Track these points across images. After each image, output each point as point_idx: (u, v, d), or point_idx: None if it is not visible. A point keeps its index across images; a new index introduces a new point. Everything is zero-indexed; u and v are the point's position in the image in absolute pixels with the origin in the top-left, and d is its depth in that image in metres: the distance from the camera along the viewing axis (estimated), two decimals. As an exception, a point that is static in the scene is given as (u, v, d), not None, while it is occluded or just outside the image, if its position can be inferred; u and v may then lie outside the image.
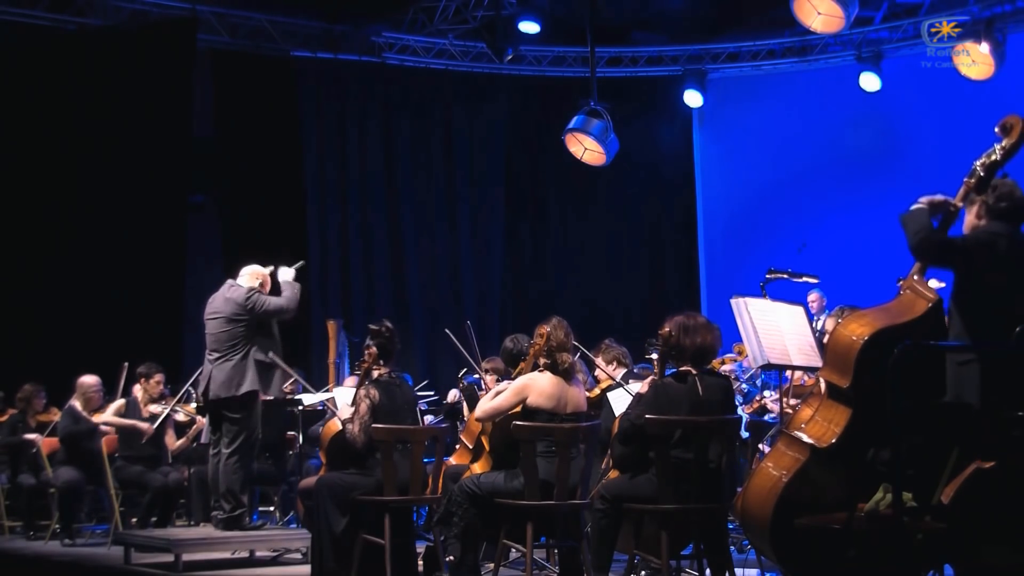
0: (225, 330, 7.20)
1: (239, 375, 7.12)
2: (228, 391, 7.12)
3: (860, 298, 6.72)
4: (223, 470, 7.12)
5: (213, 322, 7.29)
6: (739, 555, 6.09)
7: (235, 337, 7.18)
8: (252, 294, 7.22)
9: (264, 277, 7.46)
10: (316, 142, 13.14)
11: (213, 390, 7.18)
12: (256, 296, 7.22)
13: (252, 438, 7.26)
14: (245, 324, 7.19)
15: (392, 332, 6.27)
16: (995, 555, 4.28)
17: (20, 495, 9.29)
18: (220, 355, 7.18)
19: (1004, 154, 4.43)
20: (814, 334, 6.24)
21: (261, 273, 7.46)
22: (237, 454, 7.13)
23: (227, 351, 7.17)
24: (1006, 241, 4.43)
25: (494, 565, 5.70)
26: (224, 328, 7.21)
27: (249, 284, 7.34)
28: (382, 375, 6.19)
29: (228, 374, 7.13)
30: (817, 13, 10.24)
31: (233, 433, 7.15)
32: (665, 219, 14.19)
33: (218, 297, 7.35)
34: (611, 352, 7.39)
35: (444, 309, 13.45)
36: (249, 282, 7.37)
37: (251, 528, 7.37)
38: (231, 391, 7.11)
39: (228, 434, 7.17)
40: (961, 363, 4.39)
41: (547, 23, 12.40)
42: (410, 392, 6.40)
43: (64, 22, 11.55)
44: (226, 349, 7.18)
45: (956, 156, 5.61)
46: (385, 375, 6.20)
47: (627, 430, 5.25)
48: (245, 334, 7.18)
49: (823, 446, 4.61)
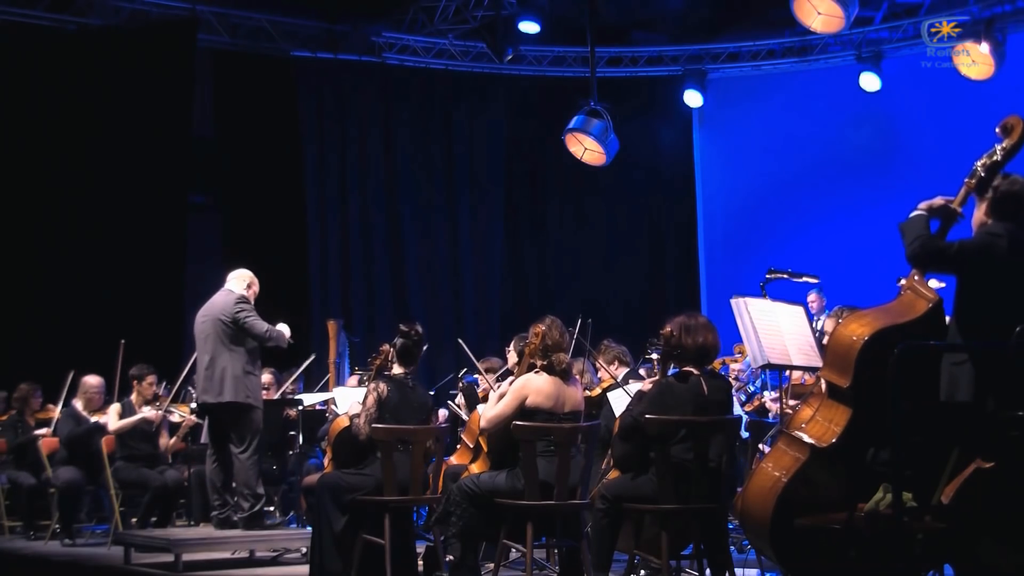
0: (212, 330, 7.27)
1: (221, 379, 7.20)
2: (212, 395, 7.21)
3: (860, 298, 6.72)
4: (238, 468, 7.19)
5: (203, 322, 7.35)
6: (739, 555, 6.09)
7: (220, 339, 7.24)
8: (241, 305, 7.28)
9: (253, 280, 7.50)
10: (316, 142, 13.13)
11: (200, 393, 7.30)
12: (244, 310, 7.28)
13: (261, 435, 7.34)
14: (232, 328, 7.25)
15: (420, 336, 6.25)
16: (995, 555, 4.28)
17: (20, 495, 9.29)
18: (208, 355, 7.26)
19: (1005, 155, 4.43)
20: (814, 334, 6.24)
21: (249, 276, 7.51)
22: (249, 451, 7.23)
23: (211, 351, 7.24)
24: (1006, 242, 4.41)
25: (494, 565, 5.70)
26: (211, 328, 7.29)
27: (240, 290, 7.38)
28: (397, 374, 6.19)
29: (211, 376, 7.22)
30: (817, 13, 10.24)
31: (240, 435, 7.23)
32: (665, 219, 14.19)
33: (211, 301, 7.42)
34: (611, 352, 7.39)
35: (444, 309, 13.46)
36: (238, 287, 7.41)
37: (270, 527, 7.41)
38: (214, 395, 7.20)
39: (237, 436, 7.24)
40: (956, 363, 4.38)
41: (547, 23, 12.40)
42: (425, 396, 6.36)
43: (64, 22, 11.55)
44: (209, 349, 7.25)
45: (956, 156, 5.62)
46: (401, 375, 6.19)
47: (629, 426, 5.26)
48: (229, 338, 7.24)
49: (823, 446, 4.61)
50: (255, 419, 7.29)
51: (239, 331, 7.24)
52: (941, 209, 4.55)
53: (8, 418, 9.57)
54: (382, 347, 6.21)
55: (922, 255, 4.46)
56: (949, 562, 4.56)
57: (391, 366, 6.24)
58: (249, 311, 7.29)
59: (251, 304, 7.37)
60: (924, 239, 4.43)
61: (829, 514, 4.47)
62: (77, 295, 11.10)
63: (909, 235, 4.46)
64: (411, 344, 6.20)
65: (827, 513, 4.48)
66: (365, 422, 5.99)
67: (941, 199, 4.57)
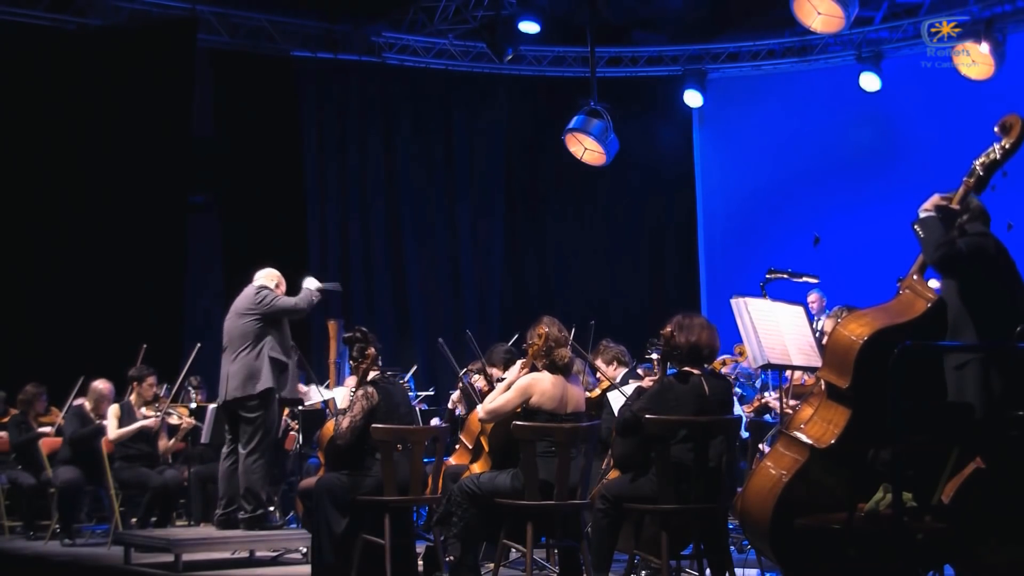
0: (237, 325, 7.25)
1: (255, 371, 7.14)
2: (244, 389, 7.13)
3: (860, 298, 6.72)
4: (243, 470, 7.14)
5: (228, 321, 7.34)
6: (739, 555, 6.09)
7: (247, 333, 7.21)
8: (263, 292, 7.27)
9: (280, 280, 7.50)
10: (316, 142, 13.14)
11: (230, 390, 7.19)
12: (267, 292, 7.28)
13: (269, 437, 7.29)
14: (257, 320, 7.22)
15: (366, 333, 6.28)
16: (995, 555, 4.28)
17: (20, 495, 9.29)
18: (234, 352, 7.22)
19: (1004, 153, 4.44)
20: (814, 334, 6.24)
21: (276, 275, 7.52)
22: (256, 453, 7.15)
23: (240, 347, 7.20)
24: (992, 242, 4.46)
25: (494, 565, 5.70)
26: (236, 323, 7.26)
27: (269, 284, 7.39)
28: (376, 376, 6.20)
29: (243, 371, 7.15)
30: (817, 13, 10.24)
31: (249, 433, 7.17)
32: (665, 219, 14.19)
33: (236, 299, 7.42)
34: (609, 352, 7.38)
35: (444, 309, 13.46)
36: (264, 282, 7.42)
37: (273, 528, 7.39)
38: (247, 389, 7.12)
39: (244, 434, 7.18)
40: (958, 366, 4.39)
41: (547, 23, 12.40)
42: (405, 391, 6.41)
43: (64, 22, 11.55)
44: (238, 345, 7.21)
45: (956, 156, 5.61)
46: (379, 375, 6.21)
47: (627, 420, 5.26)
48: (257, 331, 7.21)
49: (823, 446, 4.61)
50: (272, 412, 7.23)
51: (264, 322, 7.20)
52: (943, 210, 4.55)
53: (11, 418, 9.55)
54: (367, 351, 6.20)
55: (948, 261, 4.48)
56: (949, 562, 4.56)
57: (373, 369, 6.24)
58: (271, 293, 7.26)
59: (272, 288, 7.34)
60: (947, 247, 4.45)
61: (829, 514, 4.46)
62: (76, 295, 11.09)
63: (930, 242, 4.46)
64: (366, 345, 6.20)
65: (827, 513, 4.48)
66: (348, 428, 5.98)
67: (938, 197, 4.58)
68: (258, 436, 7.17)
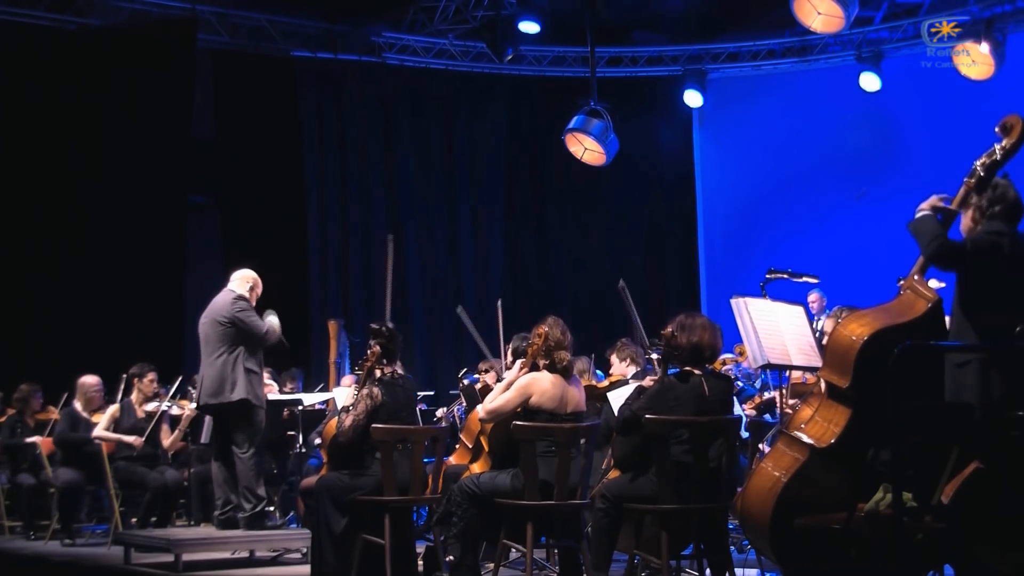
0: (215, 330, 7.28)
1: (230, 380, 7.18)
2: (217, 396, 7.19)
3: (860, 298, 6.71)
4: (240, 469, 7.20)
5: (205, 324, 7.37)
6: (739, 555, 6.09)
7: (224, 337, 7.24)
8: (239, 303, 7.28)
9: (256, 282, 7.50)
10: (316, 142, 13.14)
11: (204, 395, 7.27)
12: (242, 307, 7.28)
13: (258, 436, 7.34)
14: (231, 327, 7.25)
15: (393, 333, 6.27)
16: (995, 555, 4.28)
17: (20, 495, 9.29)
18: (210, 355, 7.26)
19: (1004, 154, 4.43)
20: (814, 334, 6.24)
21: (252, 277, 7.51)
22: (249, 452, 7.24)
23: (216, 351, 7.24)
24: (1008, 240, 4.44)
25: (494, 565, 5.70)
26: (214, 329, 7.29)
27: (240, 289, 7.38)
28: (385, 374, 6.18)
29: (217, 378, 7.20)
30: (817, 13, 10.24)
31: (242, 437, 7.23)
32: (665, 219, 14.19)
33: (212, 302, 7.43)
34: (626, 350, 7.39)
35: (444, 309, 13.45)
36: (240, 287, 7.41)
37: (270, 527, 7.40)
38: (220, 396, 7.18)
39: (238, 438, 7.24)
40: (960, 364, 4.39)
41: (547, 23, 12.40)
42: (411, 385, 6.40)
43: (64, 22, 11.56)
44: (214, 349, 7.25)
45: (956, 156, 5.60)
46: (388, 375, 6.19)
47: (627, 419, 5.26)
48: (233, 336, 7.24)
49: (823, 446, 4.61)
50: (258, 419, 7.29)
51: (239, 331, 7.24)
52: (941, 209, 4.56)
53: (7, 418, 9.56)
54: (371, 349, 6.19)
55: (942, 254, 4.48)
56: (949, 562, 4.56)
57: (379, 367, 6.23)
58: (247, 310, 7.30)
59: (250, 304, 7.37)
60: (942, 239, 4.45)
61: (829, 514, 4.46)
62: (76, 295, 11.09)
63: (925, 236, 4.47)
64: (387, 342, 6.21)
65: (827, 513, 4.48)
66: (350, 426, 5.98)
67: (936, 198, 4.58)
68: (252, 436, 7.25)
